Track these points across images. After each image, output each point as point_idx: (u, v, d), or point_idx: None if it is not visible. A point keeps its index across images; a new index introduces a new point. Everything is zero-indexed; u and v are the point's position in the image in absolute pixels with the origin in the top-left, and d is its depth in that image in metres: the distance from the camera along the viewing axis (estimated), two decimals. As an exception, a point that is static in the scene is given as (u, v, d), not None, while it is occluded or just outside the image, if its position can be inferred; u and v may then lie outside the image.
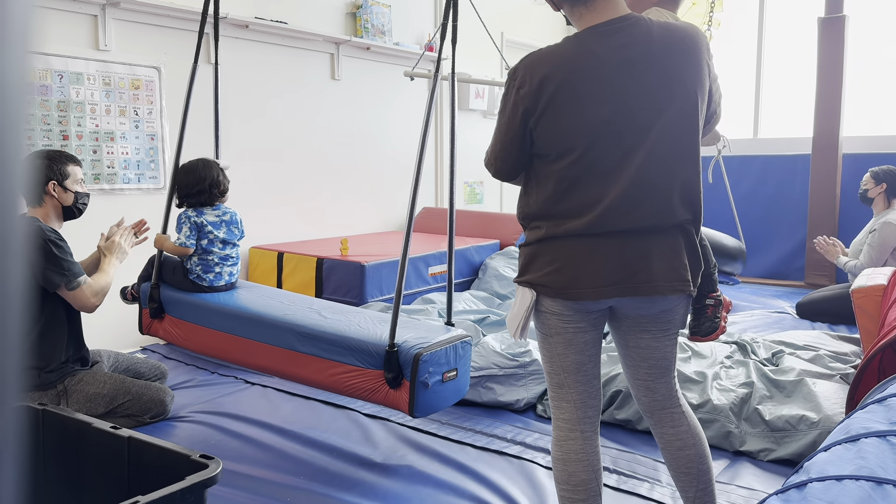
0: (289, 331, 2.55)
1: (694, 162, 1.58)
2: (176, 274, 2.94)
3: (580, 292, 1.56)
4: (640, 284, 1.55)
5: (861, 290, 3.27)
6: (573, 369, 1.66)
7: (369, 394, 2.35)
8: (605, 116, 1.51)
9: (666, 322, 1.66)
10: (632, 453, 2.53)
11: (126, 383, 2.75)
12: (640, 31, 1.53)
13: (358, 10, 5.12)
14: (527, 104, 1.54)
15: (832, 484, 1.08)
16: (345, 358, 2.39)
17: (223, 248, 2.94)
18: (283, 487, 2.32)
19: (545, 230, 1.58)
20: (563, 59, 1.52)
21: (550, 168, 1.56)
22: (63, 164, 2.68)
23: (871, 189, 4.53)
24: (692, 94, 1.55)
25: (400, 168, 5.68)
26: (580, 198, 1.54)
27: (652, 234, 1.55)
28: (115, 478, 1.60)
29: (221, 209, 2.96)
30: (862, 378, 2.23)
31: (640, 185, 1.52)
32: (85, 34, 3.66)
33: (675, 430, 1.74)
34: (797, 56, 6.22)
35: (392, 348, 2.27)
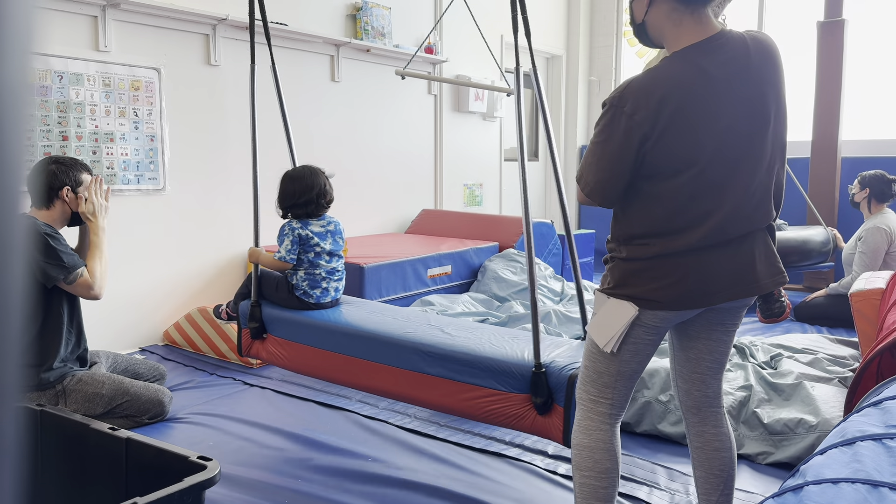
0: (413, 350, 2.33)
1: (783, 165, 1.68)
2: (279, 290, 2.76)
3: (693, 302, 1.60)
4: (748, 285, 1.63)
5: (859, 294, 3.27)
6: (627, 375, 1.70)
7: (513, 420, 2.12)
8: (719, 130, 1.56)
9: (739, 316, 1.74)
10: (630, 456, 2.53)
11: (125, 384, 2.75)
12: (738, 46, 1.59)
13: (358, 13, 5.13)
14: (644, 129, 1.54)
15: (828, 487, 1.09)
16: (482, 380, 2.16)
17: (330, 260, 2.78)
18: (281, 489, 2.32)
19: (658, 247, 1.59)
20: (675, 80, 1.55)
21: (662, 186, 1.58)
22: (79, 172, 2.71)
23: (856, 194, 4.55)
24: (783, 100, 1.64)
25: (399, 169, 5.69)
26: (694, 211, 1.58)
27: (752, 236, 1.63)
28: (113, 479, 1.60)
29: (326, 219, 2.82)
30: (860, 382, 2.23)
31: (752, 195, 1.60)
32: (85, 35, 3.67)
33: (717, 430, 1.79)
34: (797, 60, 6.23)
35: (539, 369, 2.04)
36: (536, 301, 2.15)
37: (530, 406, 2.08)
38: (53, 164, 2.66)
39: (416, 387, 2.33)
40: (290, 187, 2.75)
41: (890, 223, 4.38)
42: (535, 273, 2.17)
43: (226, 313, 3.00)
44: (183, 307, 4.14)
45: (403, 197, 5.77)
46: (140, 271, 3.95)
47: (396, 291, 4.24)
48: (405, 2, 5.56)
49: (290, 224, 2.74)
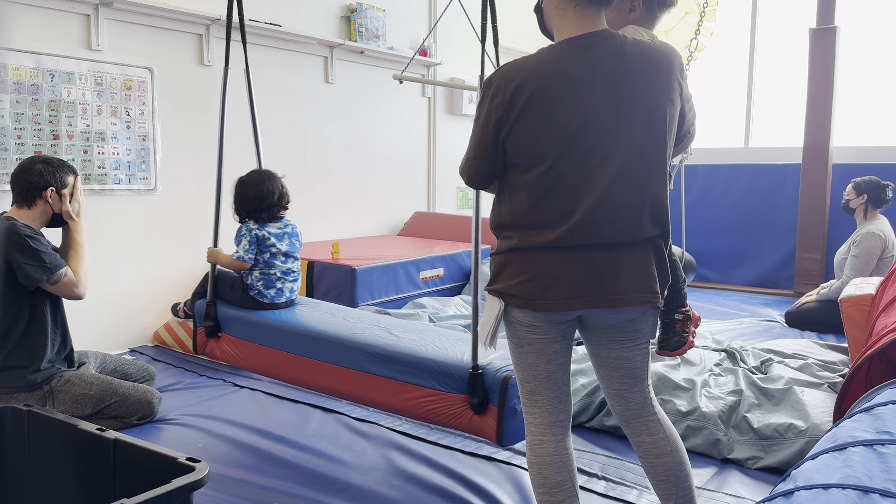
0: (360, 351, 2.40)
1: (662, 179, 1.60)
2: (234, 290, 2.81)
3: (548, 303, 1.57)
4: (610, 296, 1.57)
5: (849, 300, 3.29)
6: (544, 378, 1.68)
7: (451, 420, 2.20)
8: (574, 128, 1.52)
9: (633, 332, 1.68)
10: (620, 460, 2.53)
11: (113, 384, 2.73)
12: (613, 47, 1.55)
13: (352, 14, 5.12)
14: (499, 113, 1.56)
15: (819, 492, 1.09)
16: (423, 381, 2.24)
17: (285, 261, 2.83)
18: (270, 491, 2.30)
19: (516, 240, 1.60)
20: (537, 70, 1.54)
21: (522, 178, 1.58)
22: (64, 173, 2.68)
23: (852, 200, 4.57)
24: (662, 113, 1.56)
25: (392, 172, 5.68)
26: (551, 210, 1.56)
27: (622, 247, 1.57)
28: (100, 480, 1.59)
29: (283, 221, 2.87)
30: (850, 387, 2.24)
31: (610, 201, 1.54)
32: (77, 34, 3.65)
33: (651, 438, 1.75)
34: (788, 66, 6.27)
35: (476, 370, 2.11)
36: (478, 305, 2.18)
37: (467, 406, 2.15)
38: (40, 164, 2.63)
39: (362, 386, 2.40)
40: (250, 192, 2.81)
41: (884, 229, 4.41)
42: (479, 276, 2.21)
43: (183, 311, 3.06)
44: (173, 308, 4.12)
45: (396, 199, 5.76)
46: (130, 272, 3.93)
47: (388, 294, 4.23)
48: (399, 4, 5.56)
49: (248, 225, 2.80)
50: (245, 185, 2.83)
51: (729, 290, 6.19)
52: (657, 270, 1.62)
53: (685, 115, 1.66)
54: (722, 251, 6.38)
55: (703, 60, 5.59)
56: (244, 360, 2.78)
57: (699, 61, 5.29)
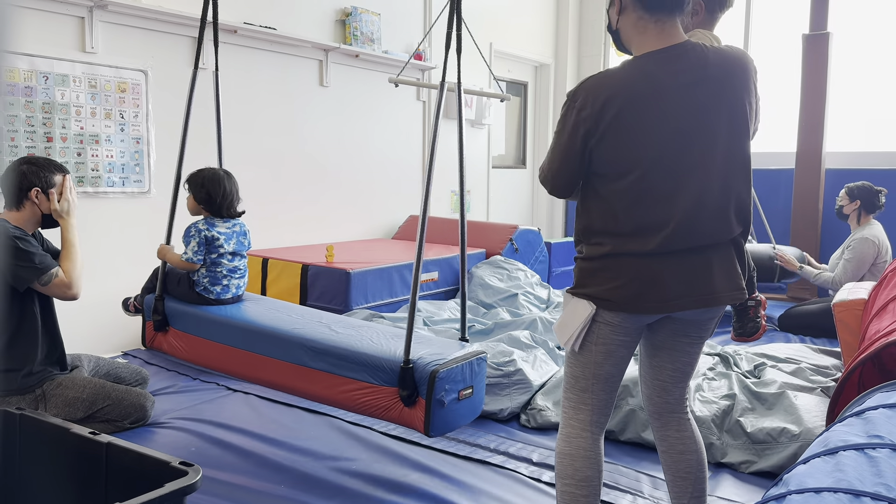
0: (299, 346, 2.47)
1: (746, 179, 1.66)
2: (181, 286, 2.86)
3: (646, 306, 1.61)
4: (703, 296, 1.62)
5: (842, 305, 3.30)
6: (603, 378, 1.71)
7: (383, 412, 2.28)
8: (663, 138, 1.57)
9: (706, 329, 1.74)
10: (614, 464, 2.54)
11: (106, 388, 2.72)
12: (696, 57, 1.60)
13: (347, 18, 5.13)
14: (588, 126, 1.59)
15: (811, 496, 1.09)
16: (357, 374, 2.32)
17: (232, 259, 2.87)
18: (263, 495, 2.30)
19: (610, 247, 1.63)
20: (624, 83, 1.58)
21: (611, 187, 1.62)
22: (50, 173, 2.64)
23: (845, 206, 4.59)
24: (744, 116, 1.63)
25: (387, 175, 5.68)
26: (644, 218, 1.59)
27: (712, 248, 1.63)
28: (92, 484, 1.58)
29: (231, 221, 2.90)
30: (842, 391, 2.25)
31: (702, 207, 1.59)
32: (71, 36, 3.64)
33: (679, 435, 1.81)
34: (782, 72, 6.30)
35: (407, 365, 2.20)
36: (416, 303, 2.32)
37: (398, 398, 2.24)
38: (25, 165, 2.61)
39: (300, 380, 2.47)
40: (209, 187, 2.83)
41: (878, 234, 4.43)
42: (419, 275, 2.33)
43: (133, 306, 3.11)
44: (167, 311, 4.10)
45: (391, 202, 5.76)
46: (124, 274, 3.92)
47: (383, 297, 4.23)
48: (394, 8, 5.57)
49: (196, 226, 2.82)
50: (205, 179, 2.85)
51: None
52: (739, 266, 1.68)
53: (756, 114, 1.73)
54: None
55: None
56: (190, 353, 2.83)
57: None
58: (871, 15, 6.04)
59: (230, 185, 2.87)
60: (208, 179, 2.84)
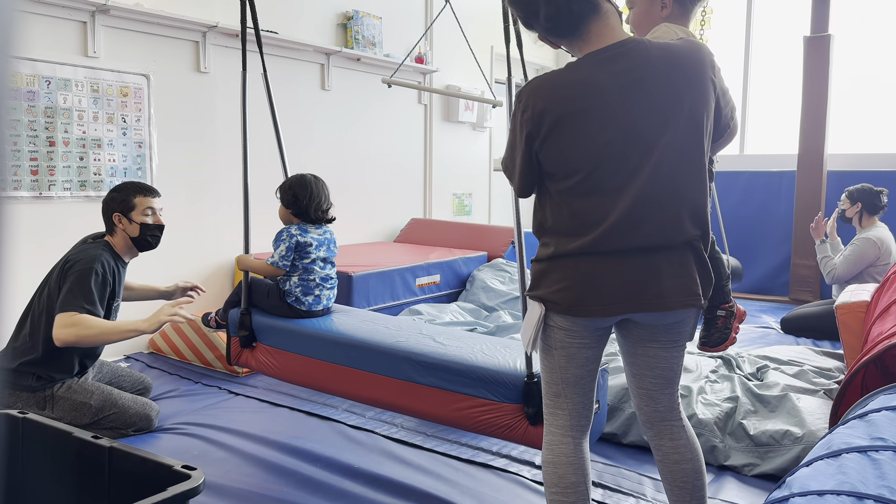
0: (405, 360, 2.30)
1: (700, 180, 1.60)
2: (270, 297, 2.72)
3: (589, 309, 1.58)
4: (650, 300, 1.57)
5: (845, 307, 3.30)
6: (572, 382, 1.69)
7: (505, 431, 2.10)
8: (606, 140, 1.54)
9: (676, 333, 1.69)
10: (617, 467, 2.53)
11: (113, 395, 2.73)
12: (638, 55, 1.55)
13: (349, 22, 5.14)
14: (530, 128, 1.58)
15: (814, 499, 1.09)
16: (474, 390, 2.14)
17: (324, 266, 2.77)
18: (266, 498, 2.29)
19: (554, 248, 1.61)
20: (563, 85, 1.56)
21: (558, 186, 1.60)
22: (129, 195, 2.74)
23: (847, 209, 4.59)
24: (696, 113, 1.56)
25: (388, 179, 5.69)
26: (586, 216, 1.57)
27: (660, 251, 1.57)
28: (95, 488, 1.58)
29: (322, 227, 2.82)
30: (845, 394, 2.25)
31: (643, 204, 1.54)
32: (74, 41, 3.65)
33: (673, 444, 1.76)
34: (783, 74, 6.30)
35: (531, 379, 2.03)
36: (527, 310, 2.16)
37: (522, 416, 2.06)
38: (112, 192, 2.76)
39: (407, 396, 2.31)
40: (301, 193, 2.75)
41: (882, 236, 4.42)
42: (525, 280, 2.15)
43: (214, 321, 2.95)
44: (169, 315, 4.11)
45: (393, 206, 5.77)
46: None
47: (385, 300, 4.23)
48: (396, 12, 5.58)
49: (289, 230, 2.72)
50: (294, 183, 2.77)
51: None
52: (698, 272, 1.62)
53: (721, 109, 1.66)
54: (717, 258, 6.39)
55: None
56: (281, 370, 2.68)
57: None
58: (872, 17, 6.04)
59: (318, 187, 2.77)
60: (295, 182, 2.77)
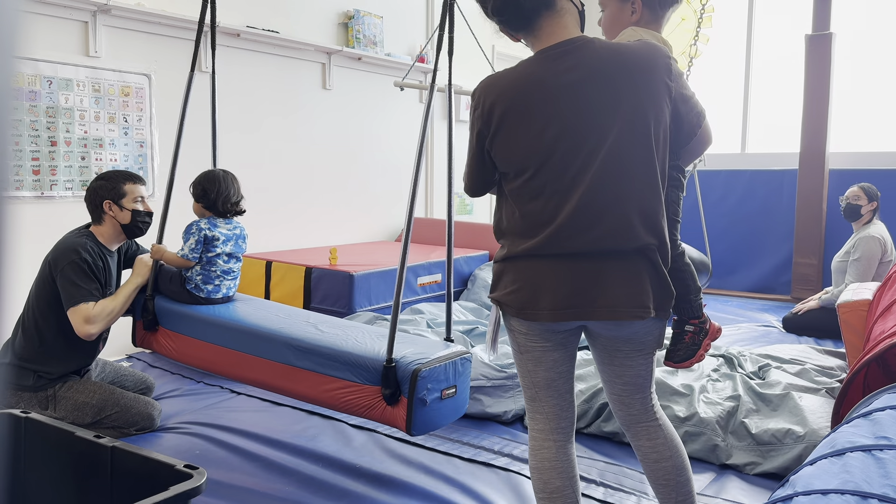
0: (284, 345, 2.48)
1: (650, 185, 1.53)
2: (172, 284, 2.85)
3: (537, 314, 1.57)
4: (597, 309, 1.53)
5: (847, 305, 3.29)
6: (544, 385, 1.69)
7: (366, 410, 2.28)
8: (550, 138, 1.52)
9: (638, 343, 1.65)
10: (619, 466, 2.53)
11: (115, 394, 2.73)
12: (586, 54, 1.53)
13: (350, 21, 5.14)
14: (480, 126, 1.60)
15: (818, 498, 1.09)
16: (341, 373, 2.32)
17: (227, 261, 2.87)
18: (268, 497, 2.30)
19: (507, 249, 1.61)
20: (511, 83, 1.56)
21: (510, 186, 1.60)
22: (119, 183, 2.76)
23: (864, 205, 4.59)
24: (642, 115, 1.51)
25: (390, 178, 5.69)
26: (535, 217, 1.56)
27: (608, 257, 1.53)
28: (97, 488, 1.58)
29: (233, 223, 2.91)
30: (847, 392, 2.24)
31: (589, 207, 1.51)
32: (75, 40, 3.65)
33: (651, 443, 1.74)
34: (785, 72, 6.29)
35: (390, 364, 2.21)
36: (399, 303, 2.33)
37: (380, 397, 2.24)
38: (97, 181, 2.76)
39: (286, 379, 2.48)
40: (210, 187, 2.85)
41: (882, 233, 4.45)
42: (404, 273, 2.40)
43: None
44: (171, 314, 4.11)
45: (393, 205, 5.77)
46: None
47: (386, 300, 4.23)
48: (397, 11, 5.57)
49: (198, 224, 2.83)
50: (206, 180, 2.87)
51: (726, 296, 6.19)
52: (651, 283, 1.55)
53: (682, 116, 1.61)
54: (719, 257, 6.39)
55: (700, 66, 5.60)
56: (179, 353, 2.82)
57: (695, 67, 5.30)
58: (873, 15, 6.03)
59: (227, 182, 2.88)
60: (204, 178, 2.88)
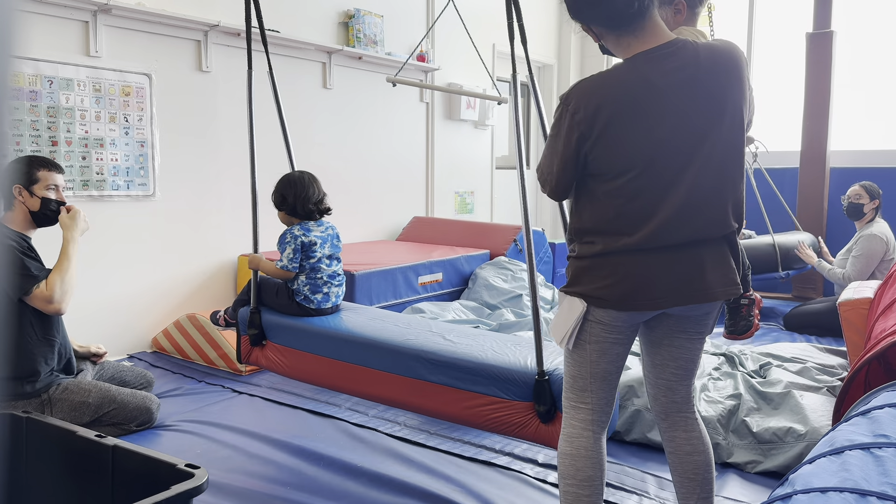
0: (415, 358, 2.30)
1: (741, 174, 1.67)
2: (280, 296, 2.74)
3: (638, 303, 1.62)
4: (695, 293, 1.62)
5: (848, 303, 3.29)
6: (601, 377, 1.72)
7: (516, 429, 2.10)
8: (659, 138, 1.57)
9: (704, 324, 1.74)
10: (620, 465, 2.53)
11: (111, 391, 2.72)
12: (688, 55, 1.60)
13: (350, 20, 5.14)
14: (582, 129, 1.60)
15: (817, 496, 1.09)
16: (485, 388, 2.14)
17: (330, 264, 2.77)
18: (269, 497, 2.30)
19: (601, 245, 1.63)
20: (617, 86, 1.59)
21: (606, 186, 1.62)
22: (34, 169, 2.59)
23: (866, 203, 4.59)
24: (738, 110, 1.62)
25: (390, 177, 5.69)
26: (636, 214, 1.60)
27: (702, 244, 1.62)
28: (99, 487, 1.58)
29: (324, 224, 2.82)
30: (848, 391, 2.24)
31: (692, 201, 1.59)
32: (76, 40, 3.66)
33: (687, 435, 1.80)
34: (785, 70, 6.28)
35: (542, 377, 2.03)
36: (538, 308, 2.15)
37: (533, 414, 2.07)
38: (13, 163, 2.59)
39: (417, 394, 2.31)
40: (293, 191, 2.75)
41: (885, 231, 4.44)
42: (535, 279, 2.17)
43: (223, 319, 2.96)
44: (171, 314, 4.12)
45: (394, 204, 5.77)
46: (128, 277, 3.93)
47: (387, 299, 4.23)
48: (397, 10, 5.57)
49: (292, 231, 2.72)
50: (281, 183, 2.78)
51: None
52: (734, 262, 1.68)
53: (751, 103, 1.72)
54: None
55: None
56: (291, 368, 2.69)
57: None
58: (874, 13, 6.03)
59: (304, 183, 2.76)
60: (281, 184, 2.78)
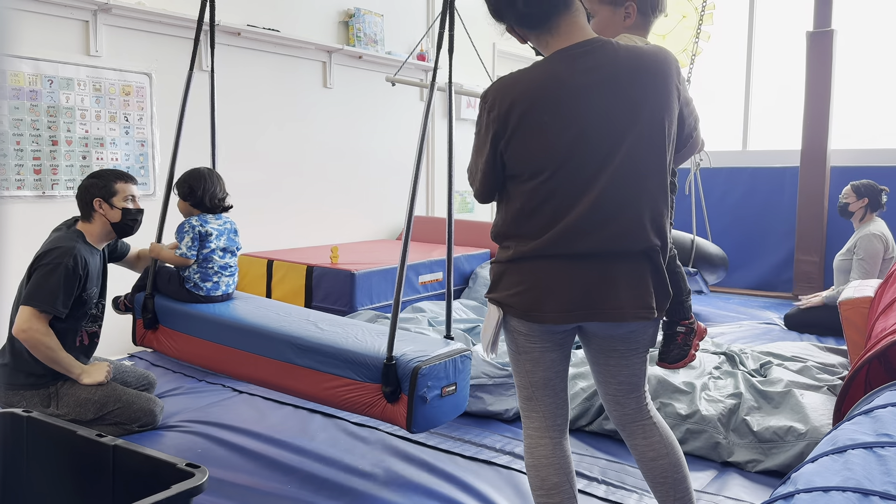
0: (285, 343, 2.50)
1: (661, 187, 1.57)
2: (171, 283, 2.89)
3: (544, 315, 1.57)
4: (605, 310, 1.55)
5: (849, 302, 3.29)
6: (541, 385, 1.69)
7: (366, 408, 2.30)
8: (570, 139, 1.51)
9: (633, 342, 1.67)
10: (620, 463, 2.53)
11: (117, 391, 2.73)
12: (606, 55, 1.53)
13: (350, 19, 5.13)
14: (496, 127, 1.56)
15: (819, 495, 1.09)
16: (342, 371, 2.34)
17: (223, 256, 2.92)
18: (270, 496, 2.30)
19: (513, 250, 1.60)
20: (531, 84, 1.54)
21: (522, 188, 1.57)
22: (110, 182, 2.77)
23: (852, 203, 4.57)
24: (658, 118, 1.54)
25: (391, 176, 5.68)
26: (545, 218, 1.55)
27: (618, 259, 1.55)
28: (99, 486, 1.58)
29: (222, 218, 2.96)
30: (849, 390, 2.24)
31: (602, 209, 1.52)
32: (76, 40, 3.65)
33: (646, 441, 1.75)
34: (786, 69, 6.28)
35: (390, 361, 2.23)
36: (399, 301, 2.37)
37: (381, 395, 2.26)
38: (89, 179, 2.77)
39: (287, 377, 2.50)
40: (196, 184, 2.89)
41: (883, 230, 4.43)
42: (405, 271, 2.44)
43: (123, 304, 3.11)
44: (172, 313, 4.11)
45: (394, 203, 5.77)
46: (128, 277, 3.92)
47: (387, 298, 4.23)
48: (397, 9, 5.57)
49: (190, 222, 2.86)
50: (192, 177, 2.91)
51: (728, 293, 6.19)
52: (654, 284, 1.59)
53: (685, 119, 1.63)
54: (720, 254, 6.39)
55: (701, 64, 5.60)
56: (179, 351, 2.84)
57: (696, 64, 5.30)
58: (875, 11, 6.02)
59: (212, 178, 2.92)
60: (189, 176, 2.92)
